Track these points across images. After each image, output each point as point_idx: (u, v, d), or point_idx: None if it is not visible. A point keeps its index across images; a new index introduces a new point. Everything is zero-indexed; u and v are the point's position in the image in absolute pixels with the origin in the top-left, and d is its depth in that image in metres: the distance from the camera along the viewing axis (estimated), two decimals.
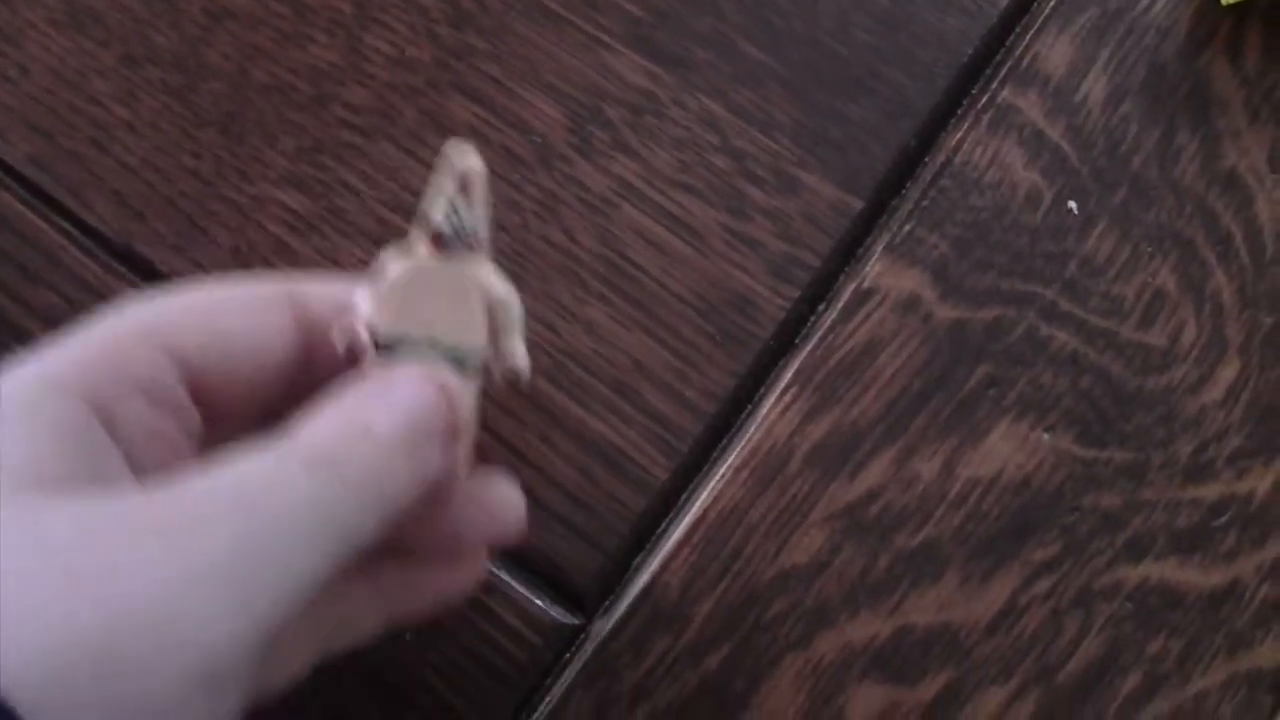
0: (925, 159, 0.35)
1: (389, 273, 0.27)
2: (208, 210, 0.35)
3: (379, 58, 0.36)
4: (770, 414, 0.33)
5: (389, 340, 0.26)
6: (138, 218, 0.35)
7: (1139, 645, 0.32)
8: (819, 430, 0.33)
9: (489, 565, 0.30)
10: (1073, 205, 0.35)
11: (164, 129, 0.36)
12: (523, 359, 0.28)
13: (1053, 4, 0.36)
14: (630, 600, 0.32)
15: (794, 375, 0.33)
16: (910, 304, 0.34)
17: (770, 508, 0.32)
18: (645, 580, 0.32)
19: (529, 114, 0.35)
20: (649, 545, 0.33)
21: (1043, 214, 0.35)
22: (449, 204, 0.26)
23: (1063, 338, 0.34)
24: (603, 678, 0.31)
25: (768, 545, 0.32)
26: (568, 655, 0.32)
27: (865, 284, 0.34)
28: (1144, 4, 0.36)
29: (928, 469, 0.33)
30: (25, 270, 0.35)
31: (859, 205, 0.34)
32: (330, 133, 0.35)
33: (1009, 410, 0.33)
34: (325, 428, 0.24)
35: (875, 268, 0.34)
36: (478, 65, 0.36)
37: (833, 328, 0.34)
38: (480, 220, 0.27)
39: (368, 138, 0.35)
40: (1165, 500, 0.33)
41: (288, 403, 0.28)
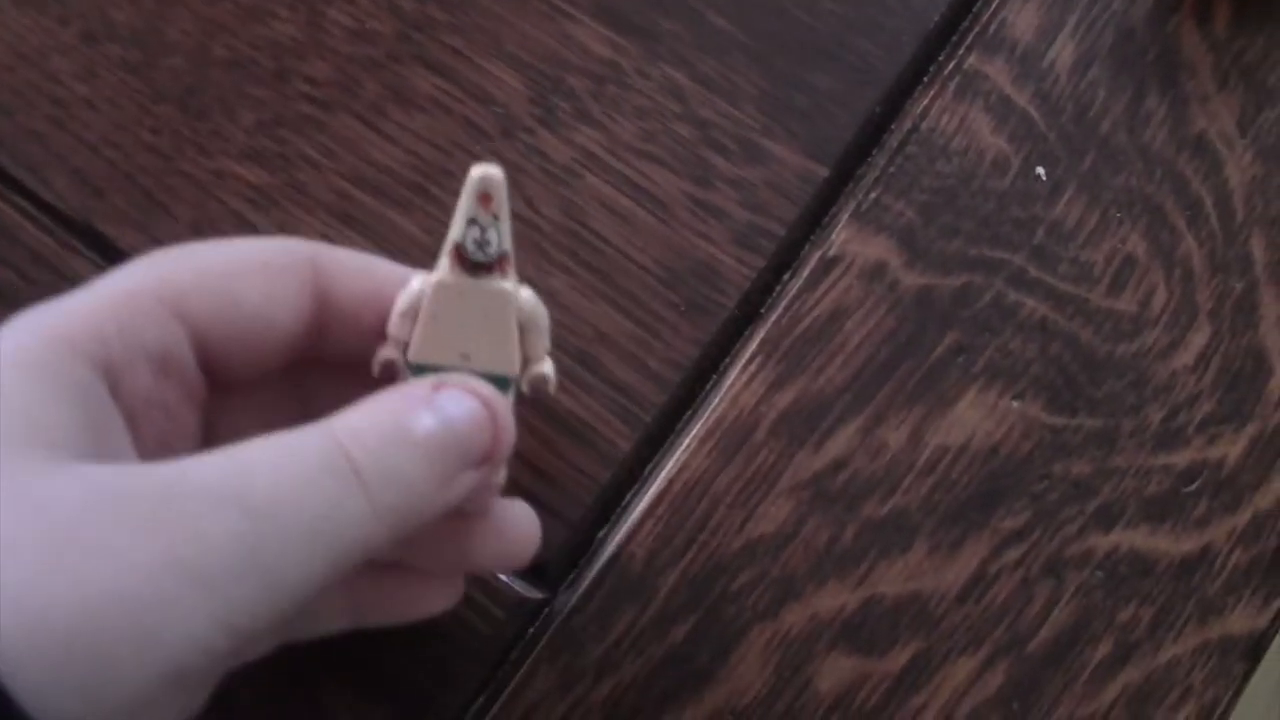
0: (891, 126, 0.35)
1: (420, 297, 0.26)
2: (167, 186, 0.34)
3: (340, 31, 0.36)
4: (735, 383, 0.33)
5: (424, 368, 0.26)
6: (97, 194, 0.35)
7: (1110, 613, 0.31)
8: (785, 399, 0.33)
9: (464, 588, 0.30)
10: (1041, 171, 0.34)
11: (123, 105, 0.35)
12: (549, 368, 0.28)
13: None
14: (595, 573, 0.32)
15: (759, 344, 0.33)
16: (877, 271, 0.34)
17: (736, 478, 0.32)
18: (610, 552, 0.32)
19: (491, 85, 0.35)
20: (614, 517, 0.32)
21: (1010, 180, 0.34)
22: (476, 225, 0.26)
23: (1031, 304, 0.33)
24: (568, 651, 0.31)
25: (734, 516, 0.32)
26: (533, 629, 0.31)
27: (831, 252, 0.34)
28: None
29: (895, 438, 0.32)
30: None
31: (825, 173, 0.34)
32: (290, 106, 0.35)
33: (977, 378, 0.33)
34: (361, 422, 0.23)
35: (841, 235, 0.34)
36: (439, 37, 0.36)
37: (799, 296, 0.33)
38: (506, 237, 0.26)
39: (328, 111, 0.35)
40: (1136, 467, 0.32)
41: (292, 371, 0.27)
